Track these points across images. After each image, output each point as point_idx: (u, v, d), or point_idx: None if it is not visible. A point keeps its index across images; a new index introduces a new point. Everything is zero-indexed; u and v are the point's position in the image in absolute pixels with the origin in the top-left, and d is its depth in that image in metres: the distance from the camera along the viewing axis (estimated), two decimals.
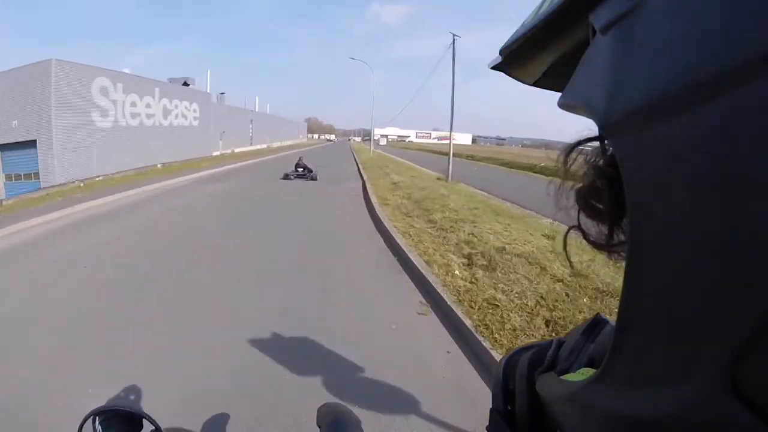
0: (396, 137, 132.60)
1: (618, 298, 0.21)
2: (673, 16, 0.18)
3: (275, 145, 45.33)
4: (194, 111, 22.13)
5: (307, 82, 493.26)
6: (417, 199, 9.11)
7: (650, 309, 0.19)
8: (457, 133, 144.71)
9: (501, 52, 0.33)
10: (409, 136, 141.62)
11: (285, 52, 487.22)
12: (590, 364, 0.32)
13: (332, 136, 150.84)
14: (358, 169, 18.04)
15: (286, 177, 13.82)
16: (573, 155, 0.27)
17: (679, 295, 0.18)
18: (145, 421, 0.74)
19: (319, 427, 0.81)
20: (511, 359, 0.41)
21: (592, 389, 0.24)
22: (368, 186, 11.59)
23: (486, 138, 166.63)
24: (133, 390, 2.41)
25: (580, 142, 0.26)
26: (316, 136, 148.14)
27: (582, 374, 0.29)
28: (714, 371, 0.16)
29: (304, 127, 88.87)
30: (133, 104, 16.83)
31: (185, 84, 22.77)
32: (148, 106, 17.90)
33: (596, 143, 0.26)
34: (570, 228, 0.28)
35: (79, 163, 13.79)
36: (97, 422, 0.71)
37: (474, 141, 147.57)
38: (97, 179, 13.83)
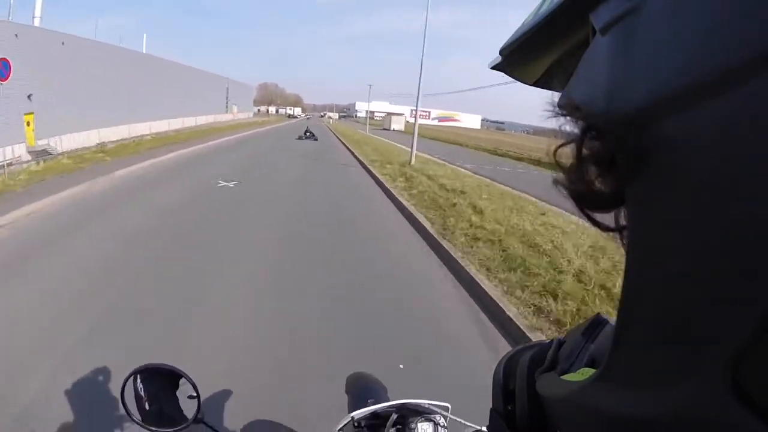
0: (384, 115, 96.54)
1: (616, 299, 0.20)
2: (673, 16, 0.17)
3: (146, 130, 19.40)
4: None
5: (274, 50, 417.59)
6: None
7: (650, 309, 0.19)
8: (466, 114, 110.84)
9: (501, 52, 0.32)
10: (402, 114, 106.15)
11: (253, 19, 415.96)
12: (590, 364, 0.32)
13: (297, 110, 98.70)
14: None
15: (300, 138, 25.29)
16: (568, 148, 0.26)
17: (679, 295, 0.18)
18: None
19: (348, 393, 0.92)
20: (512, 359, 0.40)
21: (593, 389, 0.24)
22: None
23: (489, 122, 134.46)
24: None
25: (582, 137, 0.25)
26: (272, 109, 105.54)
27: (582, 374, 0.29)
28: (714, 371, 0.16)
29: (249, 94, 52.37)
30: None
31: None
32: None
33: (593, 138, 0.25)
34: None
35: None
36: (138, 380, 0.75)
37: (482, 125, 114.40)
38: None
